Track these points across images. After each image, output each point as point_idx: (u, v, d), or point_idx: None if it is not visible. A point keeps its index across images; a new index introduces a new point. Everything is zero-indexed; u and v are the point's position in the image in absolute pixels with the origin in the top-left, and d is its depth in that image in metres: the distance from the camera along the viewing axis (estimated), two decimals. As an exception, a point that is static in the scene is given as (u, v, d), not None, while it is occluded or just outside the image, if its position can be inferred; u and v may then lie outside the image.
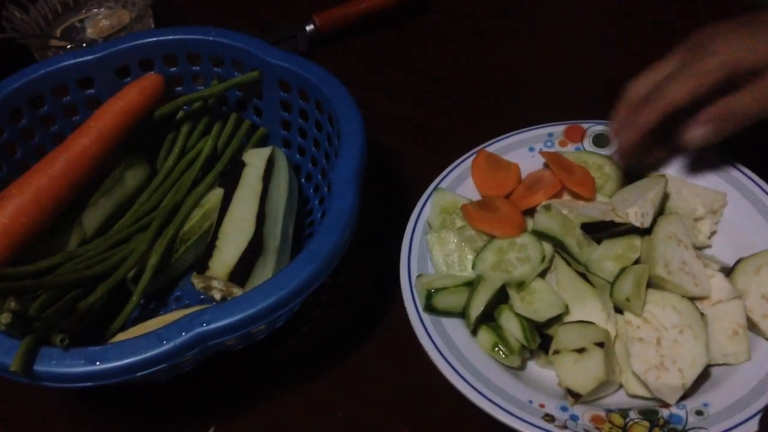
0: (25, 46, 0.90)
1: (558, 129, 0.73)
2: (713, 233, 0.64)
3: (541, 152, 0.70)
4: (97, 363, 0.47)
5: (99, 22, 0.97)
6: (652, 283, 0.58)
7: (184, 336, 0.48)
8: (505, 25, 0.98)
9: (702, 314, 0.56)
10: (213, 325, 0.49)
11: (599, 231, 0.62)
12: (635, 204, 0.61)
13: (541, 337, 0.58)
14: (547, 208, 0.62)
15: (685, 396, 0.54)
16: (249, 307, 0.49)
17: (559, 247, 0.61)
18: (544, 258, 0.61)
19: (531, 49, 0.94)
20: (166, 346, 0.48)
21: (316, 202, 0.71)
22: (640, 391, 0.55)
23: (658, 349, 0.55)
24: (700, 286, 0.57)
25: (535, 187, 0.66)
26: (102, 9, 0.98)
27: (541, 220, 0.61)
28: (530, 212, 0.66)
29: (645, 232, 0.61)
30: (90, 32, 0.96)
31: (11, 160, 0.68)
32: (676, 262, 0.58)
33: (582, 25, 0.97)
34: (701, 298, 0.58)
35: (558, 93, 0.87)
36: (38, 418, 0.61)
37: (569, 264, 0.61)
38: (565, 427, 0.52)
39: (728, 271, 0.60)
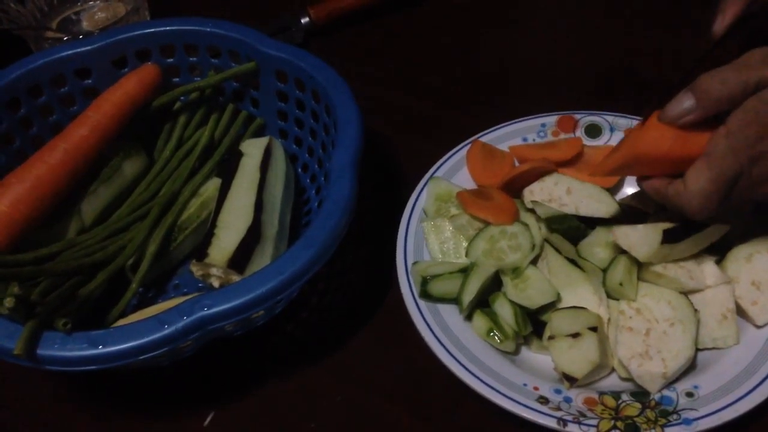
0: (21, 37, 0.90)
1: (551, 119, 0.74)
2: (739, 235, 0.63)
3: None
4: (100, 346, 0.48)
5: (94, 15, 0.97)
6: (649, 279, 0.59)
7: (186, 320, 0.49)
8: (498, 16, 0.99)
9: (696, 310, 0.57)
10: (214, 310, 0.49)
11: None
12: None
13: (534, 323, 0.59)
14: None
15: (676, 380, 0.55)
16: (249, 291, 0.50)
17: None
18: (534, 246, 0.62)
19: (525, 41, 0.95)
20: (167, 330, 0.49)
21: (313, 191, 0.72)
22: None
23: (646, 339, 0.56)
24: (696, 279, 0.58)
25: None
26: (97, 1, 0.98)
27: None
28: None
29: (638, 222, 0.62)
30: (86, 24, 0.96)
31: (10, 149, 0.69)
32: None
33: (576, 16, 0.98)
34: (697, 291, 0.59)
35: (551, 84, 0.88)
36: (38, 402, 0.62)
37: (559, 251, 0.62)
38: (558, 409, 0.53)
39: (720, 258, 0.61)
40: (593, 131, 0.73)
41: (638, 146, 0.52)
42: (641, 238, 0.57)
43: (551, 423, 0.51)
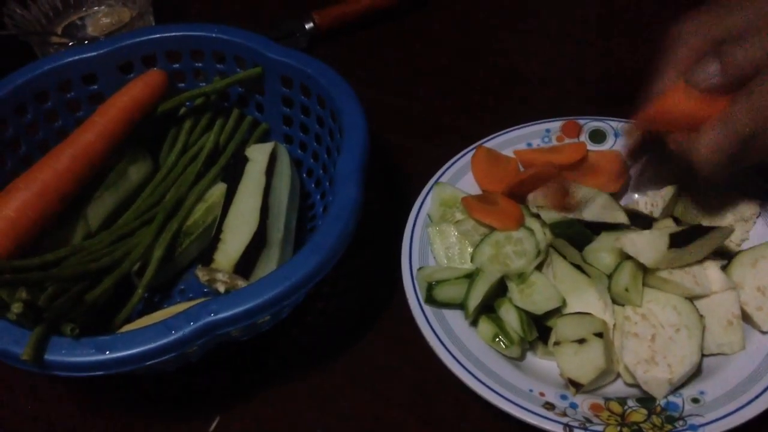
0: (26, 42, 0.90)
1: (555, 125, 0.74)
2: (744, 240, 0.64)
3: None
4: (107, 352, 0.48)
5: (99, 20, 0.97)
6: (655, 285, 0.59)
7: (193, 325, 0.49)
8: (502, 21, 0.99)
9: (701, 316, 0.57)
10: (220, 315, 0.50)
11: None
12: (646, 195, 0.64)
13: (540, 329, 0.59)
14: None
15: (682, 385, 0.55)
16: (256, 297, 0.50)
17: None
18: (539, 251, 0.62)
19: (529, 46, 0.96)
20: (174, 336, 0.49)
21: (318, 196, 0.72)
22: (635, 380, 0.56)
23: (651, 344, 0.56)
24: (701, 285, 0.58)
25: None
26: (102, 7, 0.98)
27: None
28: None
29: (645, 228, 0.62)
30: (90, 30, 0.96)
31: (16, 154, 0.69)
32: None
33: (580, 21, 0.98)
34: (702, 297, 0.59)
35: (555, 89, 0.88)
36: (41, 405, 0.62)
37: (564, 256, 0.62)
38: (564, 414, 0.53)
39: (725, 264, 0.61)
40: (597, 136, 0.73)
41: (663, 104, 0.56)
42: (648, 244, 0.57)
43: (557, 429, 0.51)
